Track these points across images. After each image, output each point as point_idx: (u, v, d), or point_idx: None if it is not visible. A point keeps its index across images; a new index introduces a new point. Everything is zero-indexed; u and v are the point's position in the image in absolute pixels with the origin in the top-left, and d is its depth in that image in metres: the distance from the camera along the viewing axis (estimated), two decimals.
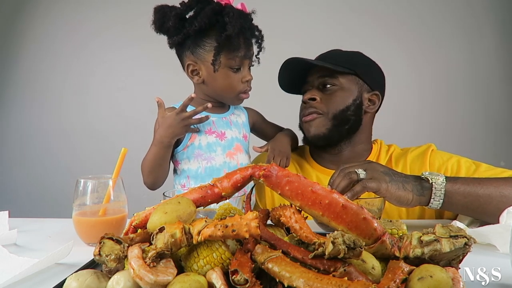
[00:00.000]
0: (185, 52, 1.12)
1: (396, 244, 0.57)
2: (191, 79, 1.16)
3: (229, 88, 1.12)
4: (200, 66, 1.11)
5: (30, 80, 2.70)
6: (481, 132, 2.58)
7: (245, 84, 1.13)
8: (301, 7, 2.58)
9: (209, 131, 1.14)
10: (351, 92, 1.16)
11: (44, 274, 0.70)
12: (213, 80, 1.11)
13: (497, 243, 0.80)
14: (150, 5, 1.11)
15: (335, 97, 1.16)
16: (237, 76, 1.11)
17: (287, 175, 0.62)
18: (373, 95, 1.20)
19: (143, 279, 0.49)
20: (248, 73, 1.13)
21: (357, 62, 1.20)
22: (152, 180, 1.10)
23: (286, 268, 0.50)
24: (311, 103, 1.17)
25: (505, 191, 0.90)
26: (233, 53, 1.07)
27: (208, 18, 1.03)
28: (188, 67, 1.12)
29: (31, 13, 2.68)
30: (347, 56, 1.22)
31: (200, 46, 1.09)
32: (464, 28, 2.55)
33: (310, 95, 1.17)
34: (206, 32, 1.07)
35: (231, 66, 1.09)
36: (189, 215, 0.60)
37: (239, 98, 1.16)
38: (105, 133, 2.61)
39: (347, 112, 1.16)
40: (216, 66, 1.07)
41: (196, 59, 1.10)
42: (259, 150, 1.14)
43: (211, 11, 1.04)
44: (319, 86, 1.18)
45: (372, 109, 1.21)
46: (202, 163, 1.12)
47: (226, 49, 1.06)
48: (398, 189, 0.89)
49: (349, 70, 1.15)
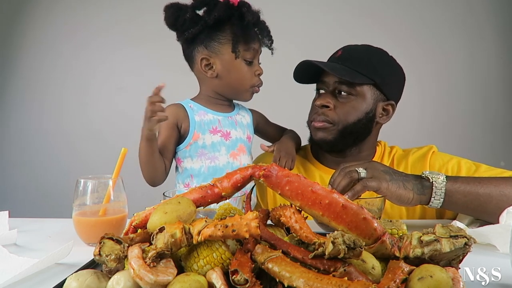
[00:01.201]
0: (197, 48, 1.11)
1: (396, 244, 0.57)
2: (203, 75, 1.14)
3: (243, 81, 1.12)
4: (215, 60, 1.11)
5: (30, 80, 2.70)
6: (481, 132, 2.58)
7: (258, 78, 1.14)
8: (302, 7, 2.58)
9: (215, 130, 1.13)
10: (365, 102, 1.12)
11: (44, 274, 0.69)
12: (228, 73, 1.11)
13: (497, 243, 0.80)
14: (150, 5, 1.11)
15: (348, 107, 1.12)
16: (251, 69, 1.12)
17: (287, 175, 0.62)
18: (388, 105, 1.16)
19: (143, 279, 0.49)
20: (259, 66, 1.14)
21: (379, 70, 1.12)
22: (147, 175, 1.09)
23: (286, 268, 0.50)
24: (324, 110, 1.13)
25: (505, 191, 0.90)
26: (249, 44, 1.09)
27: (224, 11, 1.05)
28: (202, 62, 1.12)
29: (31, 13, 2.68)
30: (370, 59, 1.14)
31: (214, 40, 1.09)
32: (464, 29, 2.55)
33: (324, 101, 1.12)
34: (220, 26, 1.08)
35: (245, 58, 1.10)
36: (189, 215, 0.60)
37: (251, 93, 1.16)
38: (105, 133, 2.61)
39: (358, 125, 1.13)
40: (237, 54, 1.08)
41: (211, 53, 1.10)
42: (266, 149, 1.14)
43: (225, 5, 1.06)
44: (334, 91, 1.13)
45: (384, 120, 1.17)
46: (206, 162, 1.12)
47: (242, 38, 1.08)
48: (399, 188, 0.89)
49: (368, 80, 1.10)
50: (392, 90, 1.16)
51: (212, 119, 1.14)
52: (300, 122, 1.25)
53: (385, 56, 1.18)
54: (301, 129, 1.26)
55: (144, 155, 1.06)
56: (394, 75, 1.18)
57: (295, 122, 1.27)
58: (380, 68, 1.13)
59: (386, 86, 1.13)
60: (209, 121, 1.14)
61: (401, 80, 1.20)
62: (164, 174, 1.12)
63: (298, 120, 1.25)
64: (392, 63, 1.18)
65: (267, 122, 1.28)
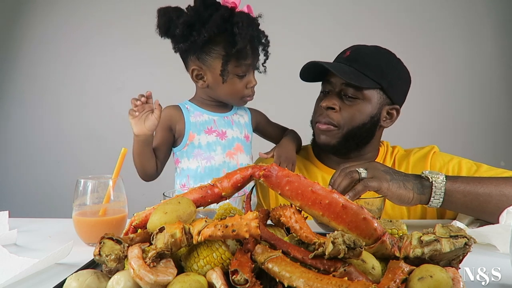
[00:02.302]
0: (190, 57, 1.11)
1: (396, 244, 0.57)
2: (195, 83, 1.16)
3: (234, 94, 1.13)
4: (206, 71, 1.10)
5: (29, 80, 2.70)
6: (481, 132, 2.58)
7: (250, 90, 1.13)
8: (306, 7, 2.57)
9: (210, 130, 1.14)
10: (371, 106, 1.11)
11: (44, 274, 0.69)
12: (218, 86, 1.11)
13: (497, 243, 0.80)
14: (150, 5, 1.11)
15: (353, 110, 1.11)
16: (243, 82, 1.11)
17: (287, 175, 0.62)
18: (392, 109, 1.15)
19: (143, 279, 0.49)
20: (253, 78, 1.13)
21: (386, 73, 1.11)
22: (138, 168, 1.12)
23: (286, 268, 0.50)
24: (329, 112, 1.12)
25: (505, 190, 0.90)
26: (240, 61, 1.07)
27: (217, 27, 1.02)
28: (193, 72, 1.12)
29: (29, 13, 2.68)
30: (378, 61, 1.12)
31: (206, 53, 1.08)
32: (465, 30, 2.55)
33: (329, 103, 1.11)
34: (213, 39, 1.05)
35: (237, 73, 1.09)
36: (189, 215, 0.60)
37: (243, 101, 1.17)
38: (105, 133, 2.61)
39: (362, 129, 1.12)
40: (225, 77, 1.07)
41: (202, 64, 1.09)
42: (265, 156, 1.14)
43: (220, 18, 1.02)
44: (340, 93, 1.12)
45: (388, 123, 1.17)
46: (202, 162, 1.13)
47: (234, 58, 1.06)
48: (399, 187, 0.89)
49: (375, 84, 1.09)
50: (398, 94, 1.15)
51: (207, 120, 1.15)
52: (301, 122, 1.24)
53: (393, 59, 1.17)
54: (302, 129, 1.26)
55: (134, 153, 1.09)
56: (401, 78, 1.17)
57: (296, 122, 1.27)
58: (388, 72, 1.12)
59: (392, 90, 1.13)
60: (204, 121, 1.14)
61: (407, 83, 1.19)
62: (154, 172, 1.14)
63: (300, 119, 1.25)
64: (400, 66, 1.17)
65: (268, 121, 1.28)
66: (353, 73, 1.09)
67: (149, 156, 1.10)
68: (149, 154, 1.09)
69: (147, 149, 1.08)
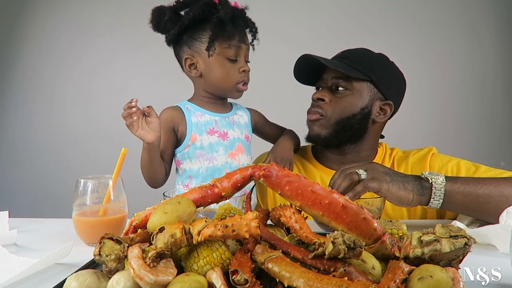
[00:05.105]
0: (182, 48, 1.13)
1: (396, 244, 0.57)
2: (189, 74, 1.16)
3: (226, 78, 1.12)
4: (197, 59, 1.12)
5: (30, 81, 2.70)
6: (480, 133, 2.58)
7: (242, 74, 1.13)
8: (302, 7, 2.58)
9: (212, 130, 1.14)
10: (362, 99, 1.14)
11: (44, 274, 0.69)
12: (210, 71, 1.12)
13: (497, 243, 0.80)
14: (151, 7, 1.11)
15: (343, 102, 1.14)
16: (234, 66, 1.12)
17: (287, 175, 0.62)
18: (385, 104, 1.16)
19: (143, 279, 0.49)
20: (244, 63, 1.14)
21: (376, 68, 1.14)
22: (147, 179, 1.12)
23: (286, 268, 0.50)
24: (319, 103, 1.16)
25: (505, 191, 0.90)
26: (227, 41, 1.09)
27: (201, 9, 1.06)
28: (186, 62, 1.13)
29: (32, 15, 2.68)
30: (368, 59, 1.17)
31: (195, 39, 1.11)
32: (463, 31, 2.56)
33: (320, 94, 1.15)
34: (201, 25, 1.09)
35: (227, 56, 1.10)
36: (189, 215, 0.60)
37: (238, 90, 1.15)
38: (105, 133, 2.61)
39: (352, 120, 1.14)
40: (211, 52, 1.09)
41: (193, 52, 1.12)
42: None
43: (204, 3, 1.07)
44: (332, 87, 1.16)
45: (381, 118, 1.18)
46: (204, 163, 1.12)
47: (220, 36, 1.08)
48: (399, 189, 0.89)
49: (364, 76, 1.12)
50: (390, 90, 1.17)
51: (209, 120, 1.15)
52: (300, 122, 1.24)
53: (385, 59, 1.20)
54: (301, 129, 1.26)
55: (145, 163, 1.08)
56: (392, 76, 1.19)
57: (295, 122, 1.27)
58: (378, 68, 1.15)
59: (383, 84, 1.15)
60: (206, 122, 1.14)
61: (401, 83, 1.21)
62: (164, 177, 1.14)
63: (298, 120, 1.25)
64: (391, 66, 1.20)
65: (266, 121, 1.28)
66: (342, 65, 1.12)
67: (159, 162, 1.10)
68: (158, 159, 1.09)
69: (156, 155, 1.08)
